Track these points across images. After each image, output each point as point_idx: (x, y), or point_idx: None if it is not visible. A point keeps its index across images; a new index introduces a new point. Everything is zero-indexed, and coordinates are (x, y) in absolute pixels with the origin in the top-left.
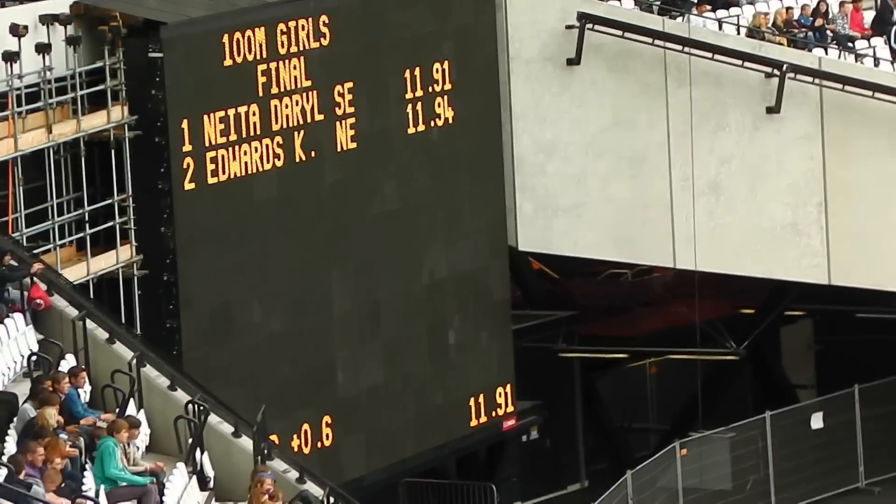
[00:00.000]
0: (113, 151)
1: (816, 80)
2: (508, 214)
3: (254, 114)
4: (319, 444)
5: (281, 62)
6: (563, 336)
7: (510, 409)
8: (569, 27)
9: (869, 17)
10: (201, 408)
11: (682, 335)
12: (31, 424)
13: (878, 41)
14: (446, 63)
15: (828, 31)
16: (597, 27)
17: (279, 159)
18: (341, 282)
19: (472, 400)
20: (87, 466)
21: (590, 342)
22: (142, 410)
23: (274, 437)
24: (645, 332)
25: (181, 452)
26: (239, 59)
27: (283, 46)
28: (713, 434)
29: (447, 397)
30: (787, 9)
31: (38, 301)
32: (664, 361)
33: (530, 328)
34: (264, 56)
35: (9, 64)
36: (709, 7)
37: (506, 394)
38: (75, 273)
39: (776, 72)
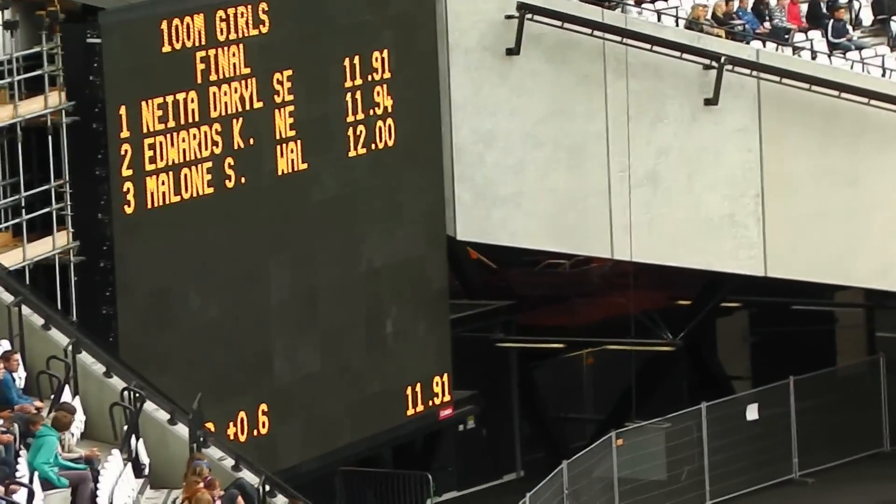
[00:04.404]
0: (50, 137)
1: (754, 73)
2: (447, 204)
3: (192, 101)
4: (255, 432)
5: (220, 49)
6: (501, 326)
7: (447, 398)
8: (508, 17)
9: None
10: (137, 395)
11: (620, 326)
12: None
13: (815, 34)
14: (385, 52)
15: (766, 22)
16: (536, 17)
17: (217, 147)
18: (279, 269)
19: (408, 389)
20: (20, 453)
21: (527, 332)
22: (77, 397)
23: (210, 425)
24: (582, 322)
25: (116, 439)
26: (178, 46)
27: (221, 33)
28: (649, 424)
29: (384, 386)
30: (727, 1)
31: None
32: (601, 352)
33: (468, 318)
34: (203, 43)
35: None
36: None
37: (442, 383)
38: (11, 259)
39: (714, 64)
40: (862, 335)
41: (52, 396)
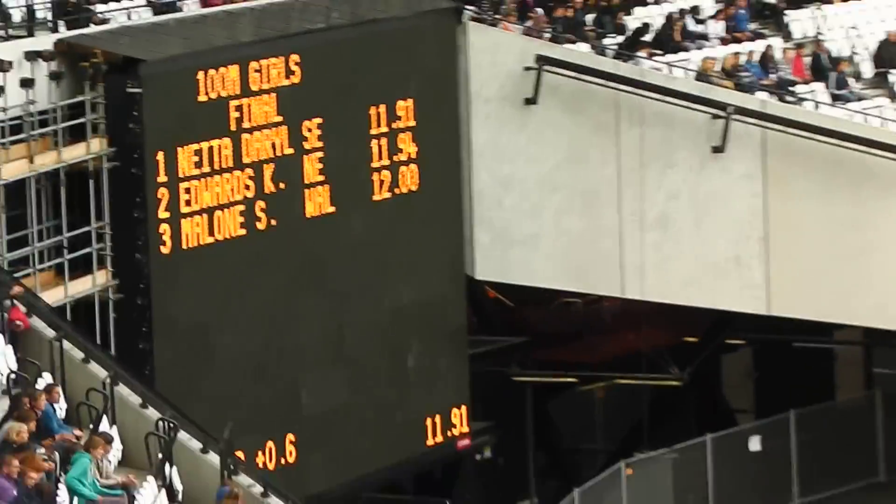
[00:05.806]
0: (91, 181)
1: (760, 122)
2: (466, 245)
3: (226, 147)
4: (283, 461)
5: (253, 98)
6: (517, 361)
7: (465, 429)
8: (527, 69)
9: (809, 63)
10: (171, 425)
11: (630, 361)
12: (4, 439)
13: (818, 86)
14: (410, 101)
15: (771, 74)
16: (554, 69)
17: (249, 190)
18: (308, 306)
19: (429, 420)
20: (61, 480)
21: (542, 367)
22: (114, 427)
23: (240, 454)
24: (595, 358)
25: (151, 467)
26: (213, 96)
27: (255, 83)
28: (657, 455)
29: (406, 417)
30: (735, 54)
31: (17, 322)
32: (612, 386)
33: (486, 353)
34: (237, 93)
35: None
36: (660, 52)
37: (461, 415)
38: (53, 296)
39: (722, 113)
40: (860, 371)
41: (91, 426)
